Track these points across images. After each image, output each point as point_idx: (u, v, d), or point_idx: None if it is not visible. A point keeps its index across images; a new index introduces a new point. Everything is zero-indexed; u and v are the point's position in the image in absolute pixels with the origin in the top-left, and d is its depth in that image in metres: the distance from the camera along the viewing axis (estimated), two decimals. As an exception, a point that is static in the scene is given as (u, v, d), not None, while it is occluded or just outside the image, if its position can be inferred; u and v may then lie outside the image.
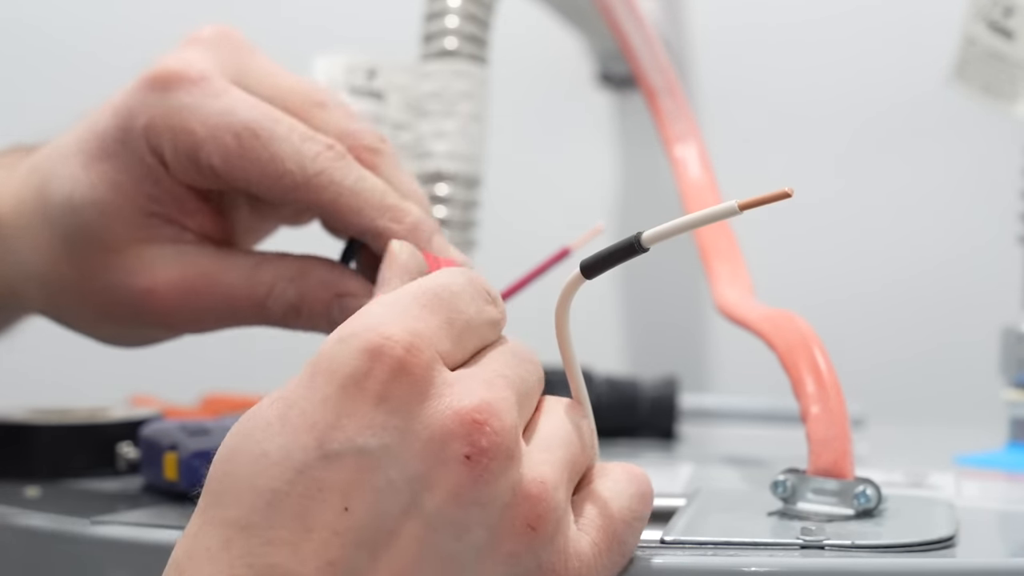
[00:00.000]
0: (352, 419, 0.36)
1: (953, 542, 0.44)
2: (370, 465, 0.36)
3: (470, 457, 0.36)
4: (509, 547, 0.37)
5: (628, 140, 1.05)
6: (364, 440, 0.36)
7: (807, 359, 0.50)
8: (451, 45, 0.64)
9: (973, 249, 0.99)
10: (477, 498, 0.36)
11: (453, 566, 0.36)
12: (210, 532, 0.36)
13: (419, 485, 0.36)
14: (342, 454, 0.36)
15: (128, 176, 0.50)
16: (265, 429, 0.36)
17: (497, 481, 0.37)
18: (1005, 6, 0.69)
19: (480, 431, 0.36)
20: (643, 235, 0.40)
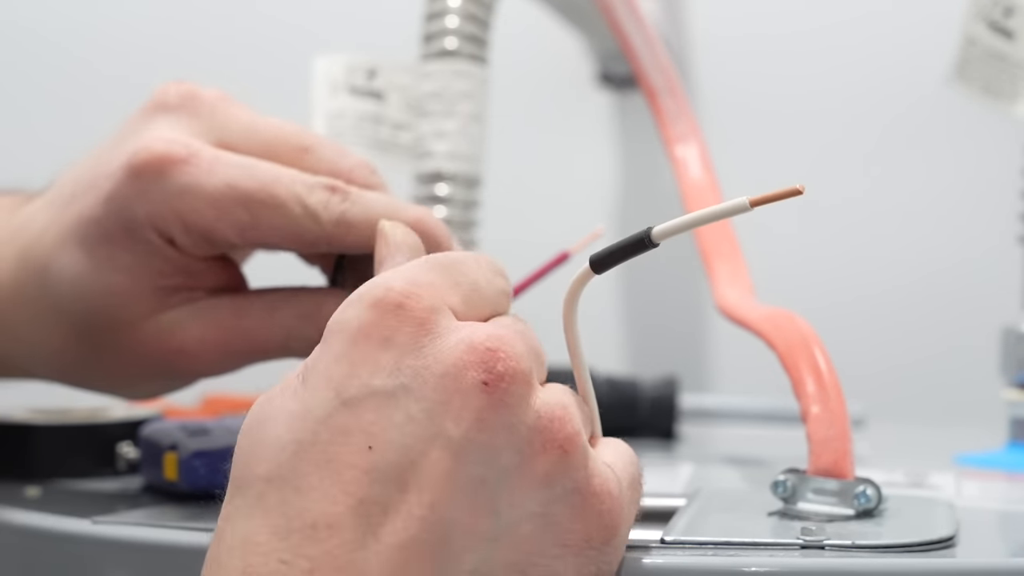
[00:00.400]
0: (365, 366, 0.37)
1: (953, 542, 0.44)
2: (388, 404, 0.37)
3: (488, 383, 0.37)
4: (542, 468, 0.38)
5: (628, 140, 1.05)
6: (379, 382, 0.37)
7: (807, 359, 0.50)
8: (451, 45, 0.64)
9: (973, 249, 0.99)
10: (502, 422, 0.37)
11: (485, 491, 0.37)
12: (243, 492, 0.37)
13: (441, 416, 0.37)
14: (360, 398, 0.37)
15: (137, 259, 0.50)
16: (286, 391, 0.38)
17: (519, 404, 0.38)
18: (1005, 6, 0.69)
19: (495, 358, 0.38)
20: (653, 230, 0.39)
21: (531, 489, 0.38)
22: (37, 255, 0.51)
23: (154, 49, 1.08)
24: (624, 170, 1.05)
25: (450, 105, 0.64)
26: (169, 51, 1.07)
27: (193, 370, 0.52)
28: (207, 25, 1.08)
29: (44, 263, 0.51)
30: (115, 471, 0.58)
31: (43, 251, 0.51)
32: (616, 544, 0.40)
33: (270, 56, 1.05)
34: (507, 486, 0.38)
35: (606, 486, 0.39)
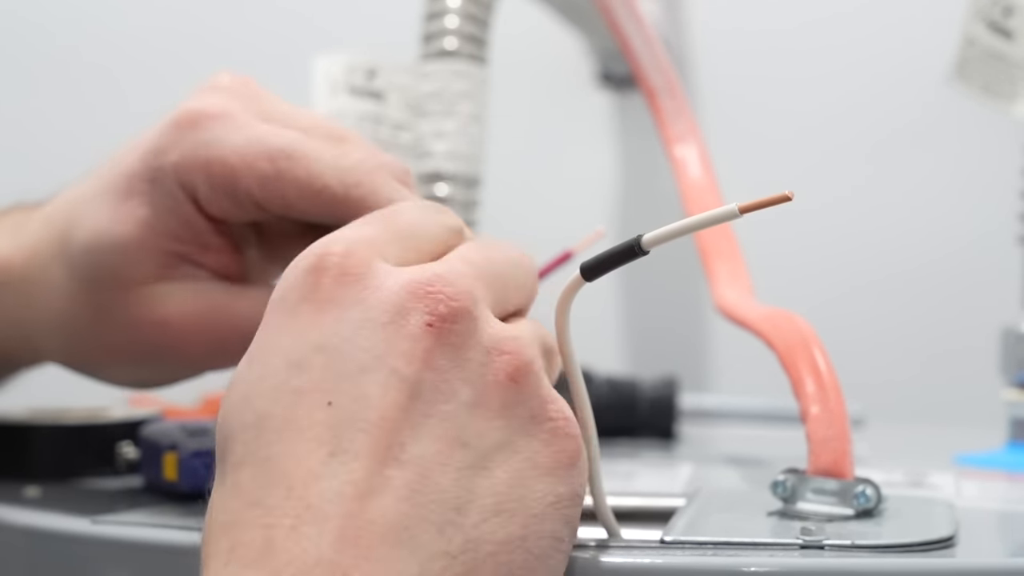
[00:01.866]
0: (310, 329, 0.38)
1: (953, 542, 0.44)
2: (337, 359, 0.38)
3: (431, 325, 0.38)
4: (498, 399, 0.39)
5: (628, 140, 1.05)
6: (324, 339, 0.38)
7: (807, 359, 0.51)
8: (451, 45, 0.64)
9: (973, 249, 0.99)
10: (451, 360, 0.38)
11: (449, 425, 0.38)
12: (220, 484, 0.38)
13: (392, 360, 0.38)
14: (308, 359, 0.38)
15: (155, 213, 0.50)
16: (240, 373, 0.39)
17: (466, 342, 0.39)
18: (1005, 6, 0.69)
19: (435, 298, 0.38)
20: (643, 238, 0.40)
21: (492, 419, 0.39)
22: (63, 212, 0.52)
23: (154, 49, 1.08)
24: (624, 170, 1.05)
25: (450, 105, 0.64)
26: (169, 51, 1.07)
27: (173, 351, 0.51)
28: (207, 25, 1.08)
29: (69, 219, 0.52)
30: (115, 471, 0.58)
31: (69, 207, 0.52)
32: (581, 465, 0.41)
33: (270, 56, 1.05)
34: (471, 417, 0.38)
35: (562, 410, 0.40)
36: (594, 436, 0.44)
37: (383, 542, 0.36)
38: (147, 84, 1.06)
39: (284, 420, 0.37)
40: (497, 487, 0.38)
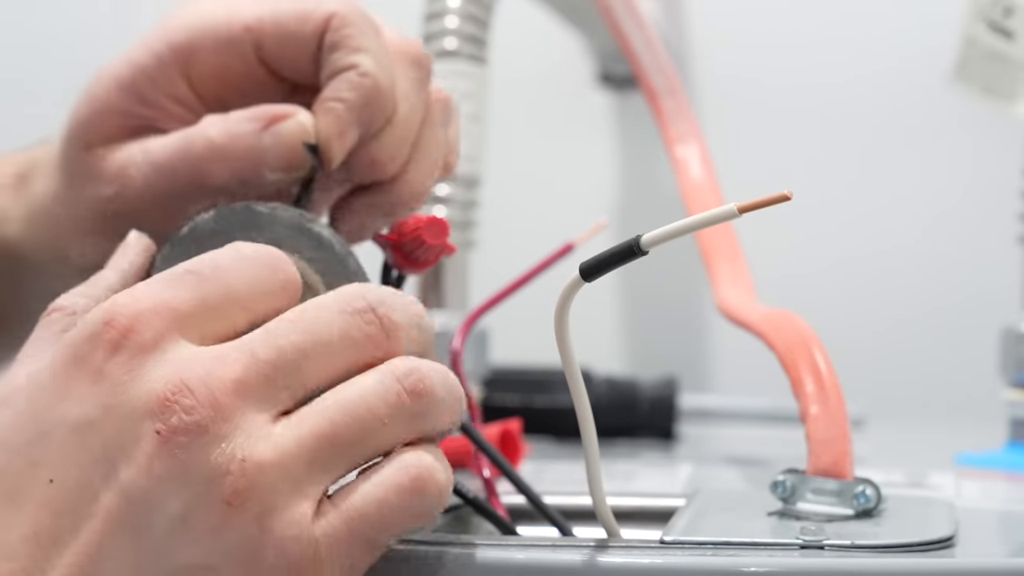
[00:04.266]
0: (68, 398, 0.38)
1: (953, 542, 0.44)
2: (78, 440, 0.38)
3: (160, 433, 0.37)
4: (207, 521, 0.38)
5: (628, 140, 1.05)
6: (75, 416, 0.38)
7: (807, 359, 0.51)
8: (451, 45, 0.64)
9: (973, 249, 0.99)
10: (169, 472, 0.37)
11: (147, 537, 0.38)
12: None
13: (117, 458, 0.38)
14: (53, 431, 0.38)
15: (131, 73, 0.51)
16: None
17: (191, 457, 0.37)
18: (1005, 6, 0.69)
19: (170, 410, 0.38)
20: (642, 238, 0.40)
21: (198, 540, 0.38)
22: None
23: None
24: (624, 170, 1.05)
25: (450, 105, 0.64)
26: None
27: (133, 211, 0.51)
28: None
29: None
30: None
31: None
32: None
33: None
34: (172, 533, 0.38)
35: (295, 547, 0.38)
36: (593, 436, 0.44)
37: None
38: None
39: (11, 486, 0.38)
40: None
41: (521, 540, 0.47)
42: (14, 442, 0.38)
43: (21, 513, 0.37)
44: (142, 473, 0.37)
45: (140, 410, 0.38)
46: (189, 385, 0.38)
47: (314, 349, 0.40)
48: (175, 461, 0.37)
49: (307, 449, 0.39)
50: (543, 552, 0.43)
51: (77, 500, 0.38)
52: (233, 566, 0.38)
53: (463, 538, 0.46)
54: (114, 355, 0.38)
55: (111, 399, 0.38)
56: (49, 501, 0.38)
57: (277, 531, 0.38)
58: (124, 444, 0.38)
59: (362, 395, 0.40)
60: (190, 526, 0.38)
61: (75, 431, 0.38)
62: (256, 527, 0.38)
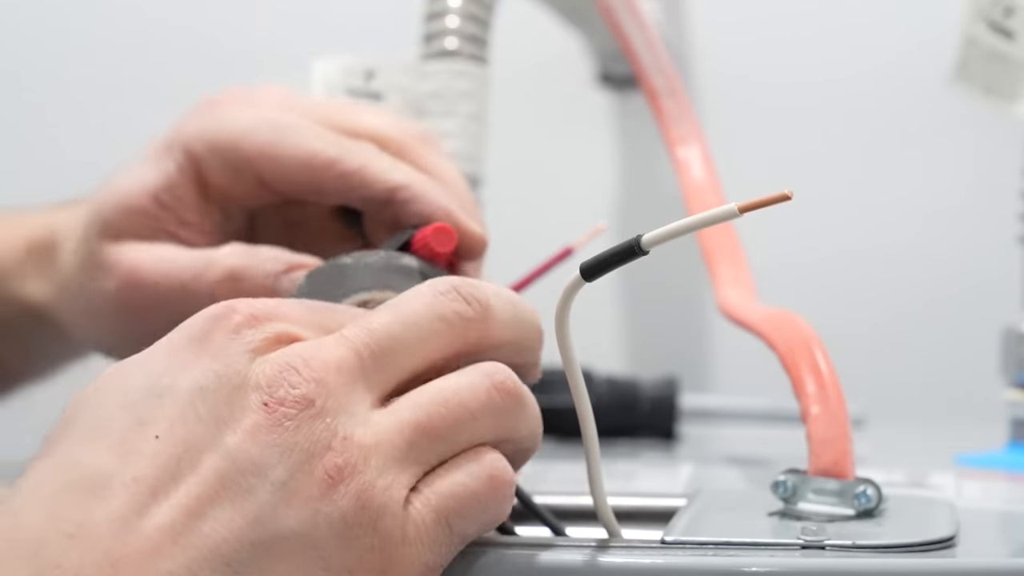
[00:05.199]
0: (184, 367, 0.40)
1: (953, 542, 0.44)
2: (187, 403, 0.40)
3: (267, 405, 0.39)
4: (307, 491, 0.39)
5: (629, 140, 1.05)
6: (187, 382, 0.40)
7: (807, 359, 0.51)
8: (451, 45, 0.64)
9: (973, 249, 0.99)
10: (274, 441, 0.39)
11: (248, 500, 0.39)
12: (42, 451, 0.40)
13: (225, 425, 0.39)
14: (164, 394, 0.40)
15: (154, 178, 0.55)
16: (113, 374, 0.41)
17: (296, 428, 0.39)
18: (1005, 6, 0.69)
19: (278, 384, 0.40)
20: (643, 238, 0.40)
21: (298, 509, 0.39)
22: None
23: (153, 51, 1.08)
24: (624, 170, 1.05)
25: (450, 105, 0.64)
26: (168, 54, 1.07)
27: (142, 305, 0.54)
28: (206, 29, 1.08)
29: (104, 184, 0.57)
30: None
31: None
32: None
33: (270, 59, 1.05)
34: (275, 498, 0.39)
35: (381, 521, 0.40)
36: (594, 436, 0.44)
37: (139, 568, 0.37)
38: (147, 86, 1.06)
39: (117, 436, 0.39)
40: (275, 571, 0.39)
41: (521, 540, 0.47)
42: (123, 400, 0.40)
43: (123, 463, 0.39)
44: (248, 439, 0.39)
45: (251, 382, 0.40)
46: (295, 364, 0.40)
47: (407, 331, 0.42)
48: (281, 431, 0.39)
49: (403, 437, 0.41)
50: (544, 552, 0.43)
51: (181, 457, 0.39)
52: (329, 538, 0.39)
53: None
54: (234, 336, 0.41)
55: (224, 370, 0.40)
56: (154, 455, 0.39)
57: (372, 509, 0.39)
58: (232, 412, 0.39)
59: (456, 389, 0.42)
60: (291, 493, 0.39)
61: (186, 395, 0.40)
62: (353, 503, 0.39)
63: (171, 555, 0.38)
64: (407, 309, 0.43)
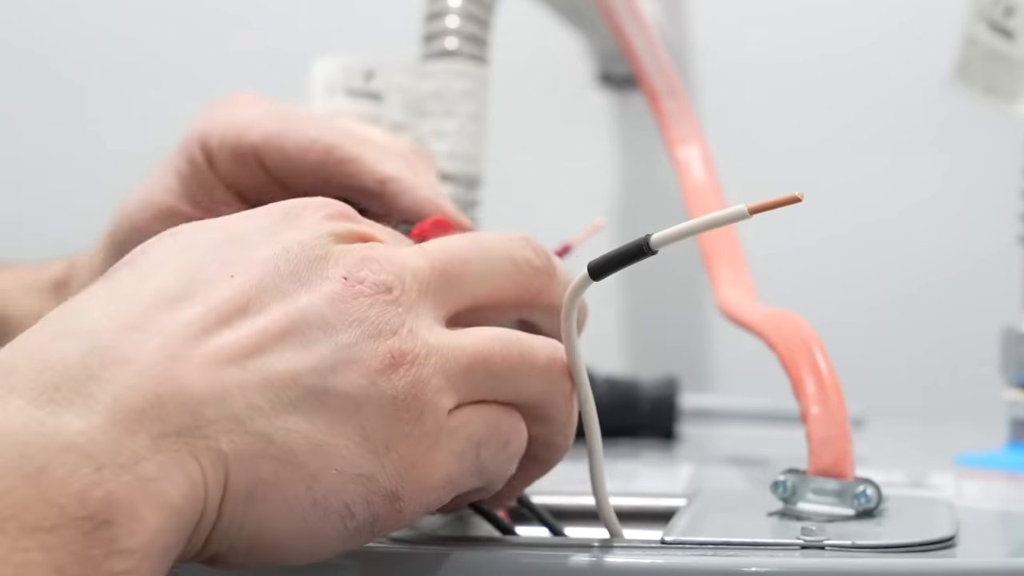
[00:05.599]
0: (270, 232, 0.41)
1: (953, 542, 0.44)
2: (270, 259, 0.40)
3: (347, 279, 0.40)
4: (368, 363, 0.40)
5: (629, 141, 1.05)
6: (274, 244, 0.41)
7: (807, 359, 0.51)
8: (451, 45, 0.64)
9: (973, 249, 0.99)
10: (346, 310, 0.40)
11: (311, 352, 0.39)
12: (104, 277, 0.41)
13: (302, 285, 0.40)
14: (248, 247, 0.41)
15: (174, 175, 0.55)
16: (194, 226, 0.42)
17: (370, 304, 0.40)
18: (1005, 6, 0.69)
19: (360, 266, 0.41)
20: (652, 238, 0.40)
21: (355, 374, 0.40)
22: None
23: (153, 51, 1.08)
24: (624, 171, 1.05)
25: (450, 105, 0.64)
26: (168, 54, 1.07)
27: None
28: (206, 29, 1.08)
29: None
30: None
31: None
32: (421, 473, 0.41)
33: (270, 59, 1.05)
34: (338, 359, 0.39)
35: (424, 416, 0.40)
36: (598, 437, 0.44)
37: (193, 381, 0.37)
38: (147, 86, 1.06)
39: (200, 271, 0.40)
40: (332, 421, 0.39)
41: (522, 540, 0.47)
42: (202, 245, 0.41)
43: (196, 290, 0.39)
44: (322, 301, 0.40)
45: (333, 258, 0.41)
46: (376, 257, 0.41)
47: (480, 261, 0.44)
48: (355, 303, 0.40)
49: (464, 358, 0.41)
50: (544, 552, 0.43)
51: (253, 300, 0.39)
52: (375, 411, 0.40)
53: (464, 538, 0.46)
54: (323, 220, 0.42)
55: (310, 242, 0.41)
56: (228, 289, 0.39)
57: (420, 401, 0.40)
58: (311, 277, 0.40)
59: (521, 341, 0.43)
60: (353, 358, 0.39)
61: (270, 252, 0.40)
62: (406, 388, 0.40)
63: (229, 369, 0.38)
64: (483, 240, 0.44)
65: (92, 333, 0.37)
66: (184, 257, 0.40)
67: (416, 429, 0.40)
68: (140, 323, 0.38)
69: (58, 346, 0.37)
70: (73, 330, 0.37)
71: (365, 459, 0.40)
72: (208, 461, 0.37)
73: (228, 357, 0.38)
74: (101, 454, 0.35)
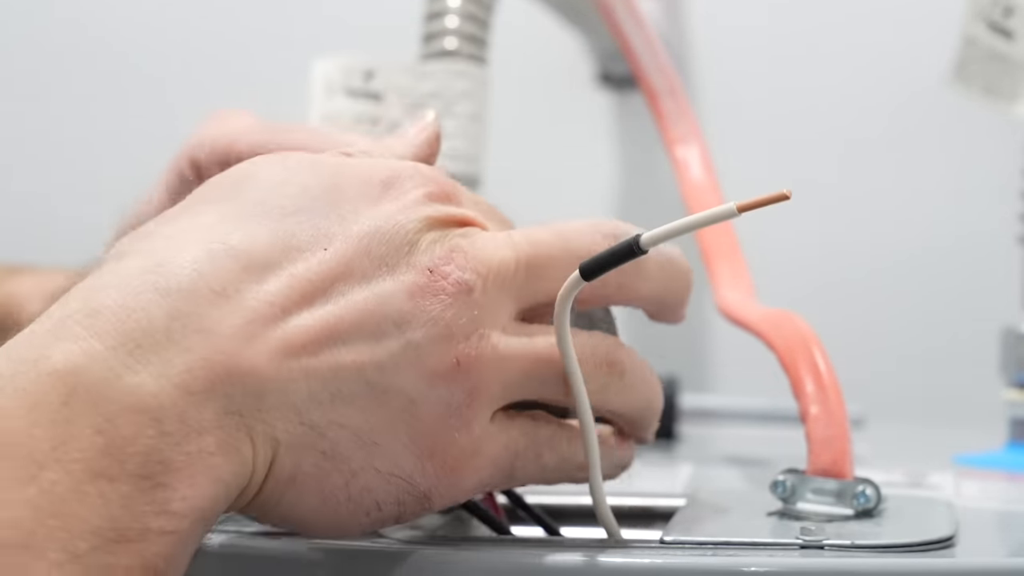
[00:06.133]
0: (370, 202, 0.42)
1: (953, 542, 0.44)
2: (362, 234, 0.41)
3: (432, 272, 0.41)
4: (431, 364, 0.40)
5: (628, 140, 1.05)
6: (368, 218, 0.41)
7: (807, 359, 0.51)
8: (451, 45, 0.64)
9: (973, 249, 0.99)
10: (423, 307, 0.40)
11: (382, 345, 0.40)
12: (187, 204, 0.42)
13: (388, 271, 0.40)
14: (346, 216, 0.41)
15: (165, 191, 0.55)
16: (302, 163, 0.43)
17: (448, 306, 0.41)
18: (1005, 6, 0.69)
19: (447, 259, 0.41)
20: (642, 237, 0.40)
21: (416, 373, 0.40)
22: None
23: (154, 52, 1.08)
24: (624, 170, 1.05)
25: (449, 105, 0.64)
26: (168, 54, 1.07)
27: None
28: (206, 29, 1.08)
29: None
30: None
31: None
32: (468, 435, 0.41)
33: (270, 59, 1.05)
34: (403, 354, 0.40)
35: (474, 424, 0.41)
36: (593, 436, 0.44)
37: (264, 364, 0.38)
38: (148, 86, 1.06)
39: (288, 227, 0.40)
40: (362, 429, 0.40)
41: (521, 540, 0.47)
42: (302, 199, 0.41)
43: (286, 257, 0.40)
44: (403, 292, 0.40)
45: (423, 246, 0.41)
46: (464, 249, 0.42)
47: (564, 255, 0.44)
48: (434, 300, 0.41)
49: (526, 362, 0.42)
50: (543, 552, 0.43)
51: (338, 280, 0.40)
52: (430, 416, 0.40)
53: (463, 538, 0.46)
54: (423, 201, 0.42)
55: (405, 224, 0.41)
56: (317, 264, 0.40)
57: (473, 409, 0.41)
58: (398, 264, 0.41)
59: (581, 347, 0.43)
60: (418, 359, 0.40)
61: (366, 229, 0.41)
62: (464, 396, 0.41)
63: (300, 357, 0.39)
64: (570, 235, 0.45)
65: (180, 292, 0.38)
66: (280, 211, 0.41)
67: (463, 437, 0.41)
68: (228, 288, 0.38)
69: (145, 299, 0.38)
70: (163, 281, 0.38)
71: (407, 461, 0.41)
72: (261, 445, 0.38)
73: (302, 344, 0.39)
74: (169, 421, 0.36)
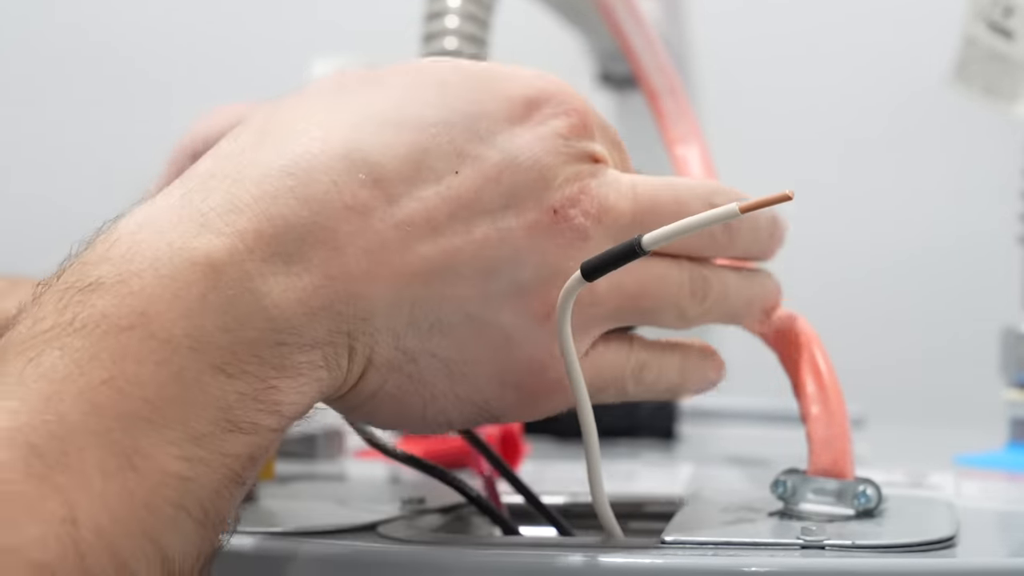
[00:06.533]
0: (510, 124, 0.42)
1: (953, 542, 0.44)
2: (497, 163, 0.41)
3: (556, 212, 0.41)
4: (530, 306, 0.41)
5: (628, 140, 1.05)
6: (506, 143, 0.42)
7: (807, 359, 0.51)
8: (451, 45, 0.64)
9: (973, 249, 0.99)
10: (540, 246, 0.41)
11: (491, 280, 0.41)
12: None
13: (513, 204, 0.41)
14: (485, 138, 0.41)
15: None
16: (439, 70, 0.43)
17: (564, 247, 0.41)
18: (1005, 6, 0.69)
19: (573, 202, 0.42)
20: (643, 238, 0.40)
21: (511, 313, 0.41)
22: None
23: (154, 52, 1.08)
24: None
25: (450, 105, 0.64)
26: (169, 55, 1.07)
27: None
28: (206, 29, 1.08)
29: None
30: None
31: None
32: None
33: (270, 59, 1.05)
34: (505, 294, 0.41)
35: (557, 362, 0.42)
36: (595, 436, 0.44)
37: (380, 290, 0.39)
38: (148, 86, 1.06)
39: (422, 143, 0.41)
40: (454, 359, 0.41)
41: (522, 540, 0.47)
42: (441, 114, 0.41)
43: (414, 188, 0.40)
44: (523, 229, 0.41)
45: (555, 184, 0.42)
46: (591, 194, 0.42)
47: (677, 216, 0.43)
48: (551, 241, 0.41)
49: (620, 300, 0.44)
50: (544, 552, 0.43)
51: (465, 207, 0.40)
52: (522, 354, 0.42)
53: (464, 538, 0.46)
54: (562, 134, 0.43)
55: (542, 158, 0.42)
56: (447, 189, 0.40)
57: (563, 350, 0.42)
58: (526, 199, 0.41)
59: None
60: (523, 296, 0.41)
61: (502, 157, 0.41)
62: (554, 338, 0.42)
63: (414, 285, 0.40)
64: (684, 192, 0.45)
65: (315, 202, 0.39)
66: (425, 115, 0.41)
67: (554, 374, 0.42)
68: (363, 205, 0.39)
69: (283, 204, 0.39)
70: (302, 188, 0.39)
71: (490, 390, 0.42)
72: (357, 363, 0.39)
73: (420, 271, 0.40)
74: (287, 331, 0.38)
